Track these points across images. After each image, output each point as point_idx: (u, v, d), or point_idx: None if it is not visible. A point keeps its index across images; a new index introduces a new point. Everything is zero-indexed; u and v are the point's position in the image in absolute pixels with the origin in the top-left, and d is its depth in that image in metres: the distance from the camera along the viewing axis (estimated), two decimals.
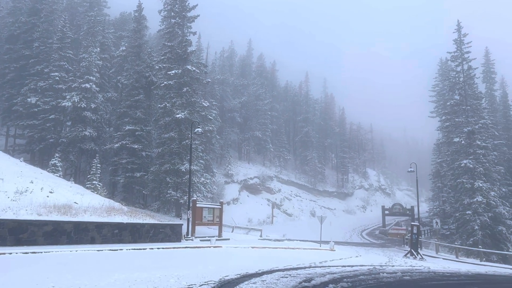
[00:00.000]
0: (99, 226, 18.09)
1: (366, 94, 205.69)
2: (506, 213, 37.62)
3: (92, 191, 27.99)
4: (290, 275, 13.33)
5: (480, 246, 33.28)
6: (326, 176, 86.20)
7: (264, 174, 68.94)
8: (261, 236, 36.87)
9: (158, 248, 18.27)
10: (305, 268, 15.73)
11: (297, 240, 35.15)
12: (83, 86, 38.78)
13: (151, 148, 39.70)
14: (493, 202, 36.54)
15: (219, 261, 16.15)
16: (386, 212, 60.32)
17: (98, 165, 32.65)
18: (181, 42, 36.99)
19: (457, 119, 40.79)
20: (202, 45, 73.22)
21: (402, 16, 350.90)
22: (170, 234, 21.77)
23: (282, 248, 25.26)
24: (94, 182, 31.29)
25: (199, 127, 27.59)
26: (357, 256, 23.92)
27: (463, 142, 38.77)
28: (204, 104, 38.40)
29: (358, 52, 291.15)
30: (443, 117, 49.56)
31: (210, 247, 21.56)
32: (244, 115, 74.73)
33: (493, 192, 37.17)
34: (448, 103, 43.75)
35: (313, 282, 12.11)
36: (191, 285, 9.80)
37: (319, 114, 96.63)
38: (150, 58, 42.31)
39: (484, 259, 32.13)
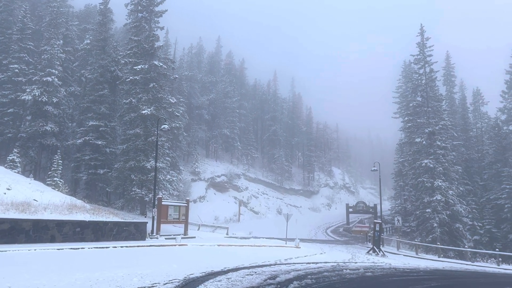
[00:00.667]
0: (60, 224, 17.51)
1: (333, 94, 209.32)
2: (463, 211, 39.27)
3: (53, 188, 27.06)
4: (255, 272, 13.39)
5: (438, 243, 34.60)
6: (292, 174, 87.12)
7: (232, 172, 68.89)
8: (227, 234, 36.83)
9: (121, 247, 17.89)
10: (270, 265, 15.84)
11: (263, 237, 35.34)
12: (44, 79, 37.36)
13: (115, 144, 38.79)
14: (451, 201, 38.04)
15: (184, 259, 16.01)
16: (350, 210, 61.63)
17: (59, 161, 31.59)
18: (148, 37, 36.31)
19: (419, 120, 42.14)
20: (170, 40, 72.23)
21: (373, 17, 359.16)
22: (134, 232, 21.37)
23: (248, 245, 25.34)
24: (55, 178, 30.26)
25: (165, 124, 27.19)
26: (321, 253, 24.33)
27: (424, 142, 40.12)
28: (171, 100, 37.88)
29: (328, 52, 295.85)
30: (406, 118, 51.09)
31: (175, 245, 21.33)
32: (212, 112, 74.34)
33: (451, 191, 38.68)
34: (411, 105, 45.15)
35: (278, 279, 12.21)
36: (155, 283, 9.66)
37: (287, 113, 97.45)
38: (116, 52, 41.29)
39: (442, 255, 33.43)
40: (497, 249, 34.82)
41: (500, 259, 31.33)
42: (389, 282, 14.65)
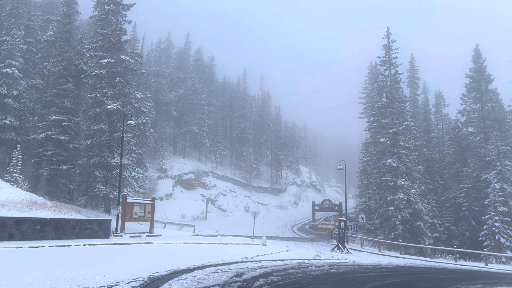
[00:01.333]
0: (19, 221, 16.86)
1: (302, 93, 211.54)
2: (424, 209, 40.65)
3: (11, 184, 26.00)
4: (221, 270, 13.37)
5: (400, 240, 35.69)
6: (261, 172, 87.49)
7: (200, 169, 68.43)
8: (194, 232, 36.58)
9: (84, 245, 17.42)
10: (237, 263, 15.86)
11: (230, 235, 35.35)
12: (4, 71, 35.80)
13: (79, 140, 37.67)
14: (413, 199, 39.31)
15: (149, 258, 15.78)
16: (316, 207, 62.54)
17: (19, 156, 30.38)
18: (115, 30, 35.44)
19: (383, 121, 43.25)
20: (138, 35, 70.76)
21: (345, 19, 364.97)
22: (97, 230, 20.86)
23: (215, 243, 25.26)
24: (14, 174, 29.09)
25: (131, 119, 26.64)
26: (287, 251, 24.57)
27: (388, 142, 41.22)
28: (138, 95, 37.18)
29: (298, 53, 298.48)
30: (371, 118, 52.36)
31: (140, 243, 20.97)
32: (180, 109, 73.47)
33: (413, 190, 39.97)
34: (376, 105, 46.24)
35: (244, 276, 12.24)
36: (119, 282, 9.48)
37: (256, 111, 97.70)
38: (81, 45, 40.04)
39: (404, 252, 34.53)
40: (454, 246, 36.32)
41: (457, 255, 32.70)
42: (352, 278, 14.98)
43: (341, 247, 29.24)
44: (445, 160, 52.73)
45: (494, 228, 36.38)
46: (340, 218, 34.74)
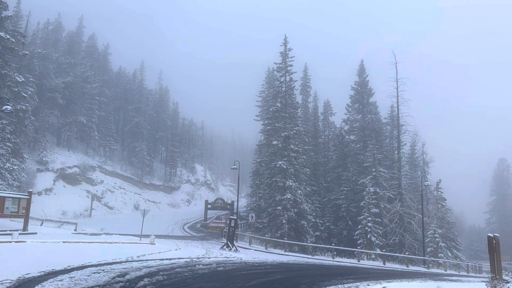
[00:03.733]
0: None
1: (201, 91, 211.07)
2: (308, 209, 43.42)
3: None
4: (103, 270, 12.69)
5: (285, 238, 37.61)
6: (154, 169, 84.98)
7: (86, 163, 63.95)
8: (75, 230, 34.16)
9: None
10: (121, 262, 15.20)
11: (116, 234, 33.71)
12: None
13: None
14: (299, 199, 41.73)
15: (20, 258, 14.29)
16: (209, 206, 62.83)
17: None
18: None
19: (277, 124, 45.17)
20: (22, 12, 63.56)
21: (248, 21, 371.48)
22: None
23: (99, 242, 23.84)
24: None
25: (8, 104, 23.83)
26: (176, 249, 24.25)
27: (280, 145, 43.17)
28: (18, 79, 33.51)
29: (200, 50, 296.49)
30: (266, 121, 54.26)
31: (11, 242, 18.89)
32: (68, 97, 67.86)
33: (300, 191, 42.43)
34: (271, 109, 48.09)
35: (127, 276, 11.78)
36: None
37: (152, 106, 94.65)
38: None
39: (288, 249, 36.44)
40: (333, 244, 39.42)
41: (335, 252, 35.52)
42: (238, 275, 15.35)
43: (230, 245, 29.76)
44: (329, 164, 56.95)
45: (367, 228, 40.29)
46: (230, 217, 35.36)
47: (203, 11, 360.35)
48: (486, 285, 12.38)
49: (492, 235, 13.04)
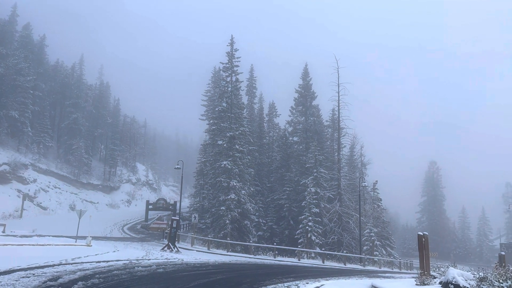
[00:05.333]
0: None
1: (145, 88, 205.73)
2: (251, 209, 43.74)
3: None
4: (34, 274, 11.96)
5: (228, 238, 37.61)
6: (92, 168, 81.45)
7: (17, 161, 59.91)
8: (4, 232, 31.94)
9: None
10: (54, 266, 14.40)
11: (50, 235, 31.90)
12: None
13: None
14: (243, 200, 41.92)
15: None
16: (150, 206, 61.38)
17: None
18: None
19: (222, 124, 45.07)
20: None
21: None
22: None
23: (30, 245, 22.45)
24: None
25: None
26: (114, 251, 23.42)
27: (225, 145, 43.12)
28: None
29: (146, 47, 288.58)
30: (211, 121, 53.94)
31: None
32: None
33: (244, 191, 42.63)
34: (217, 109, 47.95)
35: (60, 280, 11.21)
36: None
37: (92, 102, 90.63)
38: None
39: (231, 249, 36.49)
40: (275, 243, 40.05)
41: (276, 252, 36.09)
42: (179, 277, 15.11)
43: (172, 246, 29.26)
44: (273, 165, 57.73)
45: (307, 227, 41.33)
46: (172, 218, 34.77)
47: (149, 8, 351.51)
48: (415, 280, 13.15)
49: (422, 233, 13.89)
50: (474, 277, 11.08)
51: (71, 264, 15.45)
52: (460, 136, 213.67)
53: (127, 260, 18.71)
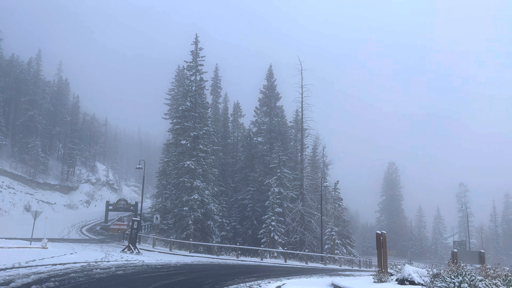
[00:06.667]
0: None
1: (106, 86, 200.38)
2: (215, 209, 43.51)
3: None
4: None
5: (191, 239, 37.25)
6: (49, 168, 78.41)
7: None
8: None
9: None
10: (6, 269, 13.75)
11: (2, 238, 30.41)
12: None
13: None
14: (206, 200, 41.62)
15: None
16: (110, 207, 59.87)
17: None
18: None
19: (186, 124, 44.55)
20: None
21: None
22: None
23: None
24: None
25: None
26: (72, 253, 22.66)
27: (188, 145, 42.65)
28: None
29: (105, 43, 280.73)
30: (175, 120, 53.18)
31: None
32: None
33: (207, 191, 42.33)
34: (180, 108, 47.31)
35: (12, 284, 10.73)
36: None
37: (49, 99, 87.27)
38: None
39: (193, 250, 36.16)
40: (238, 243, 40.02)
41: (239, 252, 36.12)
42: (139, 279, 14.82)
43: (132, 247, 28.65)
44: (237, 165, 57.72)
45: (270, 227, 41.60)
46: (133, 218, 34.06)
47: (110, 3, 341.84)
48: (373, 278, 13.54)
49: (380, 232, 14.31)
50: (428, 273, 11.57)
51: (25, 267, 14.81)
52: (419, 138, 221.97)
53: (85, 262, 18.15)
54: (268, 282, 15.39)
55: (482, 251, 18.42)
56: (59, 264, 16.66)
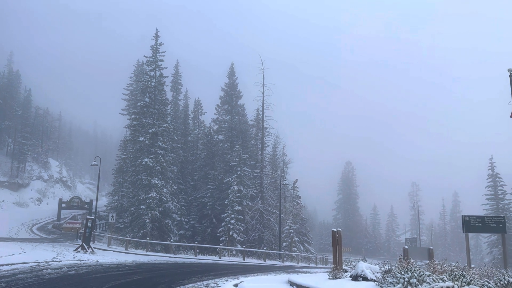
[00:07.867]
0: None
1: (60, 80, 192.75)
2: (173, 208, 42.93)
3: None
4: None
5: (148, 238, 36.55)
6: None
7: None
8: None
9: None
10: None
11: None
12: None
13: None
14: (164, 198, 40.96)
15: None
16: (63, 205, 57.68)
17: None
18: None
19: (144, 120, 43.61)
20: None
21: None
22: None
23: None
24: None
25: None
26: (20, 253, 21.62)
27: (147, 142, 41.79)
28: None
29: (51, 36, 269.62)
30: (133, 116, 51.95)
31: None
32: None
33: (166, 189, 41.68)
34: (139, 104, 46.30)
35: None
36: None
37: None
38: None
39: (150, 249, 35.52)
40: (196, 242, 39.73)
41: (197, 250, 35.86)
42: (92, 279, 14.37)
43: (86, 247, 27.73)
44: (198, 163, 57.21)
45: (229, 225, 41.59)
46: (87, 217, 32.98)
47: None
48: (329, 274, 13.85)
49: (335, 229, 14.65)
50: (380, 270, 11.99)
51: None
52: (376, 138, 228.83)
53: (34, 262, 17.38)
54: (226, 280, 15.39)
55: (431, 247, 19.30)
56: (6, 264, 15.86)
